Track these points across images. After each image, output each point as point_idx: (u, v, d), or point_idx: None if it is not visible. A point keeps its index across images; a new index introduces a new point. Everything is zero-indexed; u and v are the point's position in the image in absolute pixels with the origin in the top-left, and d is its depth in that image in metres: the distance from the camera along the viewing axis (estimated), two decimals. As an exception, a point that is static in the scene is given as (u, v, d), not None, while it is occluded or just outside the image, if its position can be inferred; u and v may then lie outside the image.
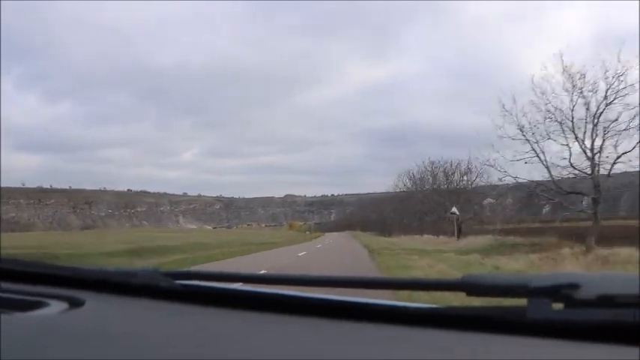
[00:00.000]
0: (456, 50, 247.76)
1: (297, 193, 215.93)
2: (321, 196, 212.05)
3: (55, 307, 0.96)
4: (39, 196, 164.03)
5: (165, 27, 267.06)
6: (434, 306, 0.87)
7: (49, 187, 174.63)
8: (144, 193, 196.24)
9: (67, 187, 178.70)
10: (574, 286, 0.72)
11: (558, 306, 0.73)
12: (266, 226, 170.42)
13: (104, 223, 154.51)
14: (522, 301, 0.75)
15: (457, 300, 1.00)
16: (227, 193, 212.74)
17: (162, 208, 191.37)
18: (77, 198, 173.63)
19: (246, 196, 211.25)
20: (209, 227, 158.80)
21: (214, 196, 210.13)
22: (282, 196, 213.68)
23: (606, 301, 0.70)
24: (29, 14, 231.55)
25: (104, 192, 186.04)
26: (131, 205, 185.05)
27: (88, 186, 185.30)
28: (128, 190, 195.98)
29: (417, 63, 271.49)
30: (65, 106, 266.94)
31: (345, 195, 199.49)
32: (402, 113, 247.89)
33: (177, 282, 1.03)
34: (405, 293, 1.54)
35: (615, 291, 0.71)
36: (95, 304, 0.99)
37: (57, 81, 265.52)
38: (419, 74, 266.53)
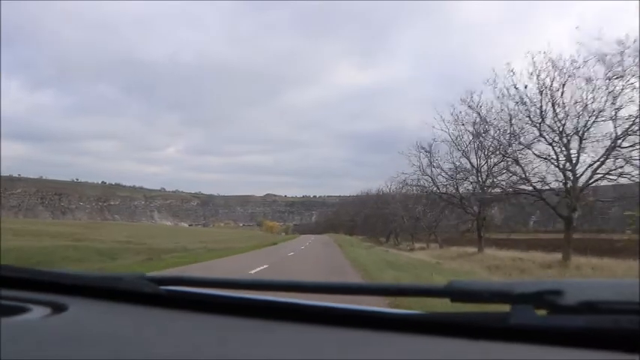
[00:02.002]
0: (447, 57, 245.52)
1: (277, 193, 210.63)
2: (303, 196, 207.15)
3: (38, 312, 0.95)
4: (5, 184, 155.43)
5: (155, 22, 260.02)
6: (419, 312, 0.86)
7: (17, 175, 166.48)
8: (118, 187, 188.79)
9: (38, 177, 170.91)
10: (557, 293, 0.73)
11: (542, 312, 0.74)
12: (244, 225, 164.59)
13: (73, 216, 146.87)
14: (506, 308, 0.75)
15: (442, 306, 1.00)
16: (207, 191, 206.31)
17: (136, 203, 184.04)
18: (47, 188, 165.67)
19: (225, 194, 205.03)
20: (185, 224, 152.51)
21: (192, 192, 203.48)
22: (262, 195, 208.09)
23: (589, 307, 0.71)
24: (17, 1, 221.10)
25: (77, 183, 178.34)
26: (104, 198, 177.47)
27: (62, 177, 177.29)
28: (102, 182, 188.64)
29: (406, 68, 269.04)
30: (49, 96, 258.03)
31: (328, 196, 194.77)
32: (387, 118, 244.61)
33: (162, 287, 1.03)
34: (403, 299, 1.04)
35: (598, 297, 0.72)
36: (78, 309, 0.97)
37: (42, 70, 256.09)
38: (407, 79, 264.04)
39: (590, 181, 16.79)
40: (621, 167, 15.76)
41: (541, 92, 16.96)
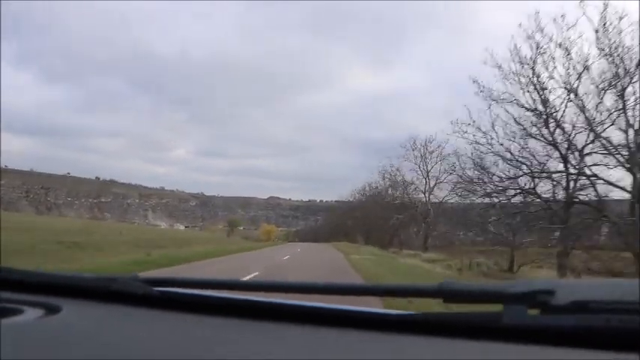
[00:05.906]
0: (463, 67, 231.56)
1: (282, 196, 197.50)
2: (308, 200, 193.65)
3: (31, 313, 0.94)
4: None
5: (167, 17, 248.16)
6: (412, 312, 0.86)
7: (4, 166, 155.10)
8: (112, 183, 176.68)
9: (29, 170, 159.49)
10: (549, 293, 0.73)
11: (534, 312, 0.74)
12: (244, 228, 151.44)
13: (60, 212, 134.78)
14: (499, 308, 0.75)
15: (435, 306, 0.95)
16: (210, 193, 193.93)
17: (129, 201, 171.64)
18: (33, 181, 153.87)
19: (226, 195, 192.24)
20: (181, 226, 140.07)
21: (193, 192, 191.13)
22: (265, 197, 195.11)
23: (581, 307, 0.71)
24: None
25: (67, 177, 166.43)
26: (95, 194, 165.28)
27: (52, 170, 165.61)
28: (96, 177, 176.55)
29: (420, 76, 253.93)
30: (57, 89, 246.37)
31: (336, 202, 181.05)
32: (399, 125, 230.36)
33: (155, 289, 1.03)
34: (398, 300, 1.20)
35: (589, 297, 0.72)
36: (72, 310, 0.97)
37: (53, 63, 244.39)
38: (420, 87, 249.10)
39: None
40: None
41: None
